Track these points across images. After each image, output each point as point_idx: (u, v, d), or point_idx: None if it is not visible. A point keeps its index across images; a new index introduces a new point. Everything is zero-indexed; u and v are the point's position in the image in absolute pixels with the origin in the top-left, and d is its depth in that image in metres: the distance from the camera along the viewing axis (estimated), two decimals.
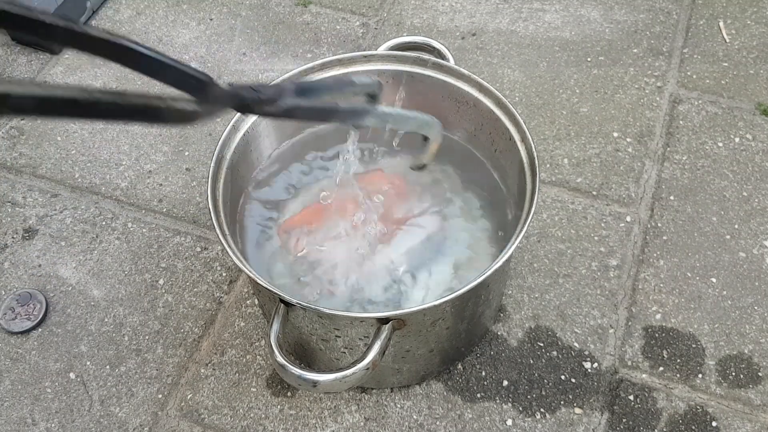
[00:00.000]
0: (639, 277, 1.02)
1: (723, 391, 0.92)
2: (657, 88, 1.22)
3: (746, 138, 1.16)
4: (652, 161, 1.13)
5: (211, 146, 1.18)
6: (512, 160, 0.87)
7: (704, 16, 1.32)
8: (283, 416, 0.92)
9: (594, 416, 0.91)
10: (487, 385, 0.93)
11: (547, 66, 1.26)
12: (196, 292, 1.03)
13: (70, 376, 0.96)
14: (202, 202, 1.12)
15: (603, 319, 0.98)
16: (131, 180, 1.15)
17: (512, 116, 0.86)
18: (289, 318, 0.77)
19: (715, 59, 1.26)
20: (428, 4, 1.36)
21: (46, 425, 0.92)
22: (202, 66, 1.29)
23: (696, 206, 1.08)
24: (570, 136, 1.16)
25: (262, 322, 1.00)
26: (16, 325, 0.99)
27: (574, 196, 1.10)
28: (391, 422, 0.91)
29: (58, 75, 1.29)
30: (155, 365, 0.97)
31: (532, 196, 0.80)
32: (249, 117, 0.89)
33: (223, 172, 0.85)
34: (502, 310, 0.99)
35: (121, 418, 0.93)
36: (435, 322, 0.79)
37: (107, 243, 1.08)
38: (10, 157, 1.19)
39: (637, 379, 0.93)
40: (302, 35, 1.33)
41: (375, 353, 0.71)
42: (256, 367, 0.96)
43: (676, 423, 0.90)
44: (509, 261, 0.83)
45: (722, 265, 1.02)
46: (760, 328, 0.97)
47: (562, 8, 1.34)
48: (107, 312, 1.01)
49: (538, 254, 1.04)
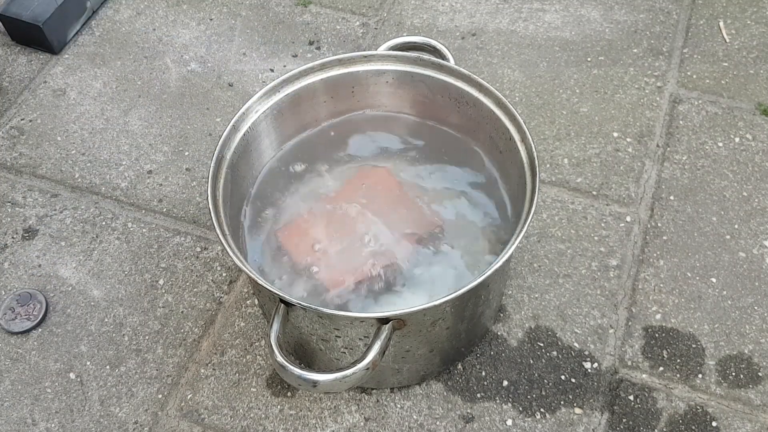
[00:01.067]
0: (639, 277, 1.02)
1: (723, 391, 0.92)
2: (657, 88, 1.22)
3: (746, 138, 1.16)
4: (652, 161, 1.13)
5: (211, 146, 1.18)
6: (512, 160, 0.87)
7: (704, 16, 1.32)
8: (283, 416, 0.92)
9: (594, 416, 0.91)
10: (487, 385, 0.93)
11: (547, 66, 1.26)
12: (196, 292, 1.03)
13: (70, 376, 0.96)
14: (202, 202, 1.12)
15: (603, 319, 0.98)
16: (131, 180, 1.15)
17: (512, 116, 0.86)
18: (289, 318, 0.77)
19: (715, 59, 1.26)
20: (428, 4, 1.36)
21: (46, 425, 0.92)
22: (202, 66, 1.29)
23: (696, 206, 1.08)
24: (570, 136, 1.16)
25: (262, 322, 1.00)
26: (16, 325, 0.99)
27: (574, 196, 1.10)
28: (391, 422, 0.91)
29: (58, 75, 1.29)
30: (155, 365, 0.97)
31: (532, 196, 0.80)
32: (249, 117, 0.89)
33: (223, 172, 0.85)
34: (502, 310, 0.99)
35: (121, 418, 0.93)
36: (435, 322, 0.79)
37: (107, 243, 1.08)
38: (10, 157, 1.19)
39: (637, 379, 0.93)
40: (302, 35, 1.33)
41: (375, 353, 0.71)
42: (256, 367, 0.96)
43: (676, 423, 0.90)
44: (509, 261, 0.83)
45: (722, 265, 1.02)
46: (760, 328, 0.97)
47: (562, 8, 1.34)
48: (107, 312, 1.01)
49: (538, 254, 1.04)
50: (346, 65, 0.93)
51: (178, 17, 1.37)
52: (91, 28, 1.36)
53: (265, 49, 1.31)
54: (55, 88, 1.28)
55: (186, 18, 1.37)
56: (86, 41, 1.34)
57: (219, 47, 1.32)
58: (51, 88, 1.28)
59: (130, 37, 1.35)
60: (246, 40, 1.33)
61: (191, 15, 1.38)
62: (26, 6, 1.29)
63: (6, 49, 1.34)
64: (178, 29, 1.35)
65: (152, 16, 1.38)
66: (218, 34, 1.34)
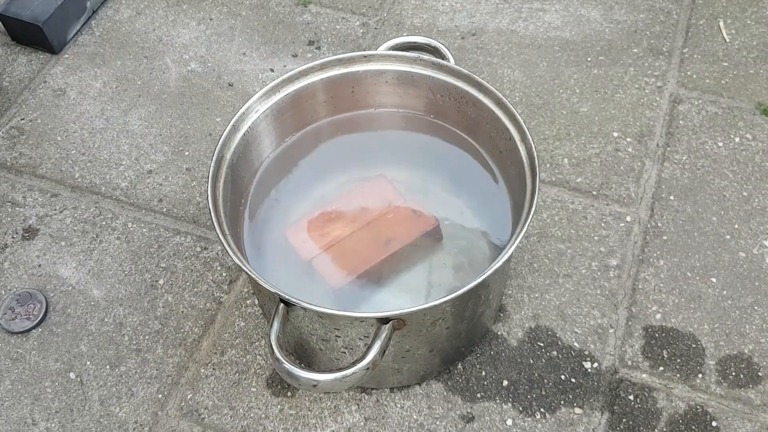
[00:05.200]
0: (639, 276, 1.02)
1: (723, 391, 0.92)
2: (657, 87, 1.22)
3: (746, 138, 1.16)
4: (652, 161, 1.13)
5: (211, 146, 1.18)
6: (512, 160, 0.87)
7: (704, 16, 1.32)
8: (283, 416, 0.92)
9: (594, 416, 0.91)
10: (487, 385, 0.93)
11: (547, 66, 1.26)
12: (196, 292, 1.03)
13: (70, 375, 0.96)
14: (202, 202, 1.12)
15: (603, 319, 0.98)
16: (131, 180, 1.15)
17: (512, 116, 0.86)
18: (289, 318, 0.77)
19: (715, 59, 1.26)
20: (428, 4, 1.36)
21: (46, 425, 0.92)
22: (202, 66, 1.29)
23: (696, 206, 1.08)
24: (570, 136, 1.16)
25: (262, 322, 1.00)
26: (16, 324, 0.99)
27: (574, 196, 1.10)
28: (391, 422, 0.91)
29: (58, 75, 1.29)
30: (155, 365, 0.97)
31: (532, 196, 0.80)
32: (249, 117, 0.89)
33: (223, 172, 0.85)
34: (502, 310, 0.99)
35: (121, 418, 0.93)
36: (435, 321, 0.79)
37: (107, 243, 1.08)
38: (10, 157, 1.19)
39: (637, 379, 0.93)
40: (302, 35, 1.33)
41: (375, 353, 0.71)
42: (256, 367, 0.96)
43: (676, 423, 0.90)
44: (509, 261, 0.83)
45: (722, 264, 1.02)
46: (760, 328, 0.97)
47: (562, 8, 1.34)
48: (107, 312, 1.01)
49: (538, 254, 1.04)
50: (346, 65, 0.93)
51: (178, 17, 1.37)
52: (91, 28, 1.36)
53: (265, 48, 1.31)
54: (55, 88, 1.28)
55: (186, 18, 1.37)
56: (86, 41, 1.34)
57: (219, 47, 1.32)
58: (51, 88, 1.28)
59: (130, 36, 1.35)
60: (246, 39, 1.33)
61: (191, 15, 1.38)
62: (26, 6, 1.29)
63: (6, 49, 1.34)
64: (178, 29, 1.35)
65: (152, 16, 1.38)
66: (218, 34, 1.34)
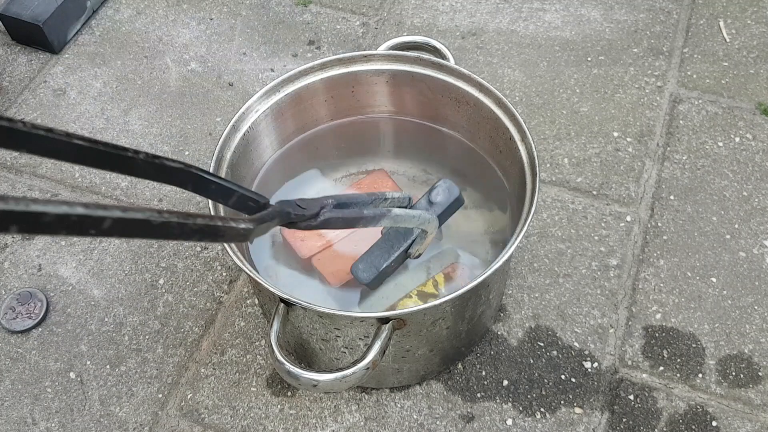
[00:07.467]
0: (639, 276, 1.02)
1: (723, 391, 0.92)
2: (657, 87, 1.22)
3: (746, 138, 1.15)
4: (652, 161, 1.13)
5: (211, 146, 1.18)
6: (512, 160, 0.87)
7: (704, 16, 1.32)
8: (283, 416, 0.92)
9: (594, 416, 0.91)
10: (487, 384, 0.93)
11: (547, 66, 1.26)
12: (196, 291, 1.03)
13: (71, 375, 0.96)
14: (202, 202, 1.12)
15: (603, 319, 0.98)
16: (131, 179, 1.15)
17: (512, 116, 0.86)
18: (289, 318, 0.77)
19: (715, 59, 1.26)
20: (428, 4, 1.36)
21: (46, 425, 0.92)
22: (202, 66, 1.29)
23: (696, 206, 1.08)
24: (570, 136, 1.16)
25: (262, 321, 1.00)
26: (17, 324, 0.99)
27: (574, 195, 1.10)
28: (391, 422, 0.91)
29: (58, 75, 1.29)
30: (155, 365, 0.97)
31: (532, 196, 0.80)
32: (249, 117, 0.89)
33: (223, 172, 0.85)
34: (502, 309, 0.99)
35: (121, 418, 0.93)
36: (435, 321, 0.79)
37: (107, 242, 1.08)
38: (10, 156, 1.19)
39: (637, 379, 0.93)
40: (302, 35, 1.33)
41: (375, 353, 0.71)
42: (256, 367, 0.96)
43: (676, 423, 0.90)
44: (509, 261, 0.83)
45: (722, 264, 1.02)
46: (760, 328, 0.97)
47: (562, 8, 1.34)
48: (107, 311, 1.01)
49: (538, 254, 1.04)
50: (346, 65, 0.93)
51: (178, 17, 1.37)
52: (91, 28, 1.36)
53: (265, 48, 1.31)
54: (55, 88, 1.28)
55: (186, 18, 1.37)
56: (86, 41, 1.34)
57: (219, 47, 1.32)
58: (51, 88, 1.28)
59: (130, 36, 1.35)
60: (246, 39, 1.33)
61: (191, 15, 1.38)
62: (26, 6, 1.29)
63: (6, 49, 1.34)
64: (178, 29, 1.35)
65: (152, 16, 1.38)
66: (218, 34, 1.34)
